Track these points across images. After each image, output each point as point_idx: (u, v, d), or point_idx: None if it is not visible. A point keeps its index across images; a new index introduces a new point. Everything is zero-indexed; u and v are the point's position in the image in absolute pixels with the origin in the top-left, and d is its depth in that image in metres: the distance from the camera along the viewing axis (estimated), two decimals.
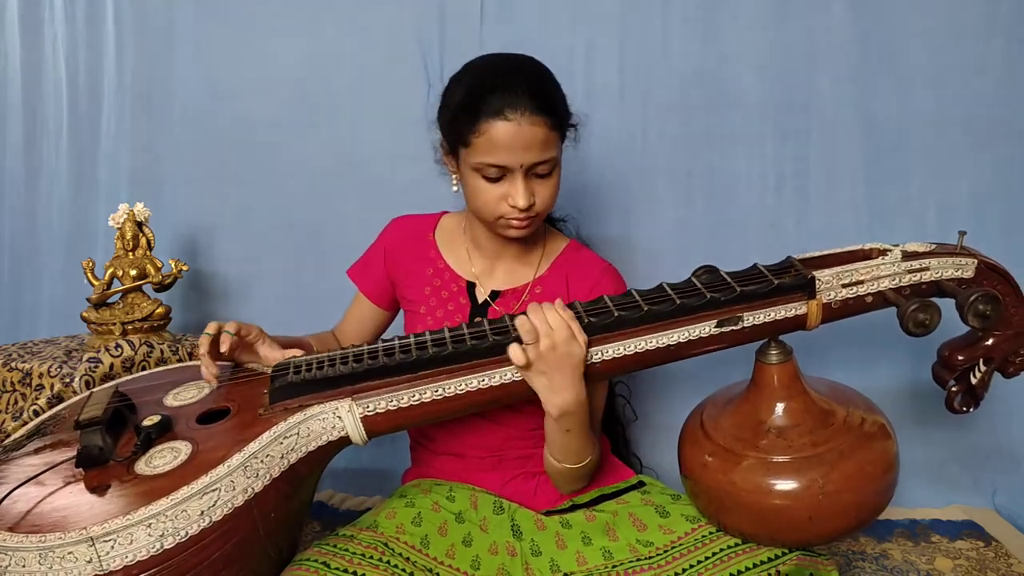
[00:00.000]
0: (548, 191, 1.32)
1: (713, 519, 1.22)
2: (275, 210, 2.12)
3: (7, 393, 1.72)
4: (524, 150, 1.25)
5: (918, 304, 1.06)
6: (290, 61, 2.07)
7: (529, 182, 1.29)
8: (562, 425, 1.21)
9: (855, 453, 1.12)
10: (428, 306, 1.46)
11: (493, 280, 1.46)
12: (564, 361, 1.13)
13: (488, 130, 1.24)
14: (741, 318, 1.14)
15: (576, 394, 1.17)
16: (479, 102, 1.25)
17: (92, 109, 2.23)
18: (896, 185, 1.85)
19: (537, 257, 1.47)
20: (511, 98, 1.23)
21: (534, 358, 1.13)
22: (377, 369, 1.16)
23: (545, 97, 1.26)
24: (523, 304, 1.42)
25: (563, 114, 1.31)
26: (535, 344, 1.13)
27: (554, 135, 1.28)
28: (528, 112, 1.23)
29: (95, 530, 0.95)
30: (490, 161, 1.26)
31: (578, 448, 1.26)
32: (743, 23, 1.86)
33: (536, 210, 1.31)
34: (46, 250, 2.31)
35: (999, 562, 1.57)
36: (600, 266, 1.46)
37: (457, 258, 1.48)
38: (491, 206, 1.31)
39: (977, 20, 1.78)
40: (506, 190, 1.29)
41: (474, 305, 1.44)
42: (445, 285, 1.46)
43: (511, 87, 1.24)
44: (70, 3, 2.20)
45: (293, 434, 1.12)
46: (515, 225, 1.32)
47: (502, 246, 1.44)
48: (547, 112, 1.25)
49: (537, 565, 1.24)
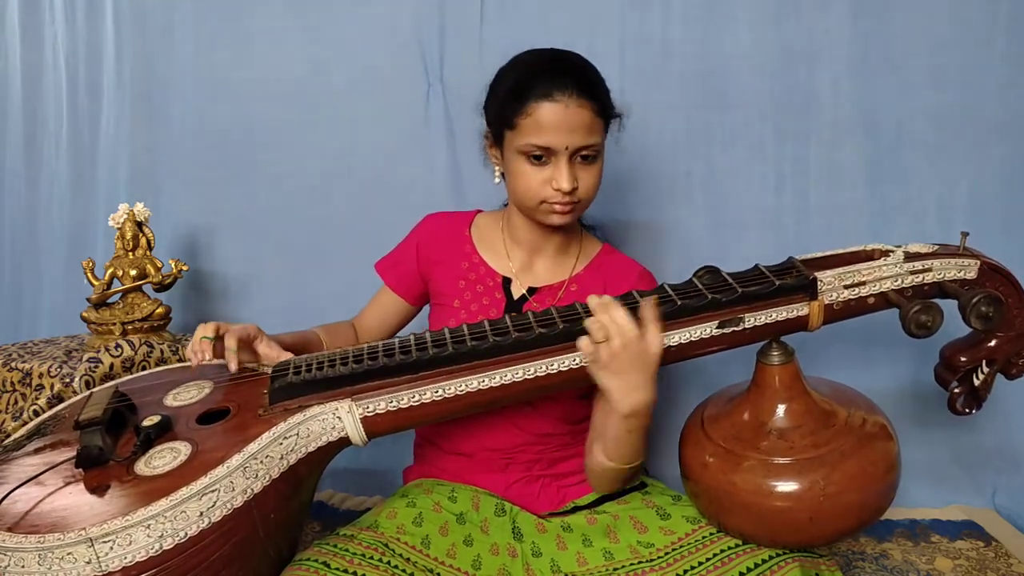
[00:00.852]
0: (591, 178, 1.34)
1: (714, 520, 1.22)
2: (275, 210, 2.12)
3: (7, 393, 1.72)
4: (570, 132, 1.27)
5: (920, 306, 1.05)
6: (290, 61, 2.07)
7: (573, 167, 1.31)
8: (628, 425, 1.19)
9: (856, 454, 1.11)
10: (462, 300, 1.46)
11: (530, 276, 1.47)
12: (639, 359, 1.12)
13: (536, 111, 1.27)
14: (742, 319, 1.14)
15: (649, 394, 1.15)
16: (528, 85, 1.28)
17: (92, 109, 2.23)
18: (896, 185, 1.85)
19: (574, 255, 1.48)
20: (559, 81, 1.26)
21: (607, 358, 1.12)
22: (377, 370, 1.16)
23: (592, 83, 1.30)
24: (559, 301, 1.43)
25: (608, 103, 1.34)
26: (607, 343, 1.11)
27: (599, 121, 1.31)
28: (576, 95, 1.26)
29: (94, 531, 0.95)
30: (537, 142, 1.28)
31: (634, 450, 1.25)
32: (743, 23, 1.85)
33: (579, 195, 1.32)
34: (46, 250, 2.31)
35: (999, 562, 1.57)
36: (638, 270, 1.48)
37: (494, 254, 1.49)
38: (534, 190, 1.32)
39: (977, 20, 1.77)
40: (550, 174, 1.31)
41: (510, 300, 1.45)
42: (480, 279, 1.47)
43: (559, 71, 1.28)
44: (70, 3, 2.21)
45: (293, 435, 1.12)
46: (558, 210, 1.33)
47: (541, 240, 1.45)
48: (593, 97, 1.29)
49: (538, 566, 1.24)
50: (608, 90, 1.36)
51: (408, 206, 1.62)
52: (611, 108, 1.36)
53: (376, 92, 2.02)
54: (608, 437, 1.24)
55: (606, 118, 1.34)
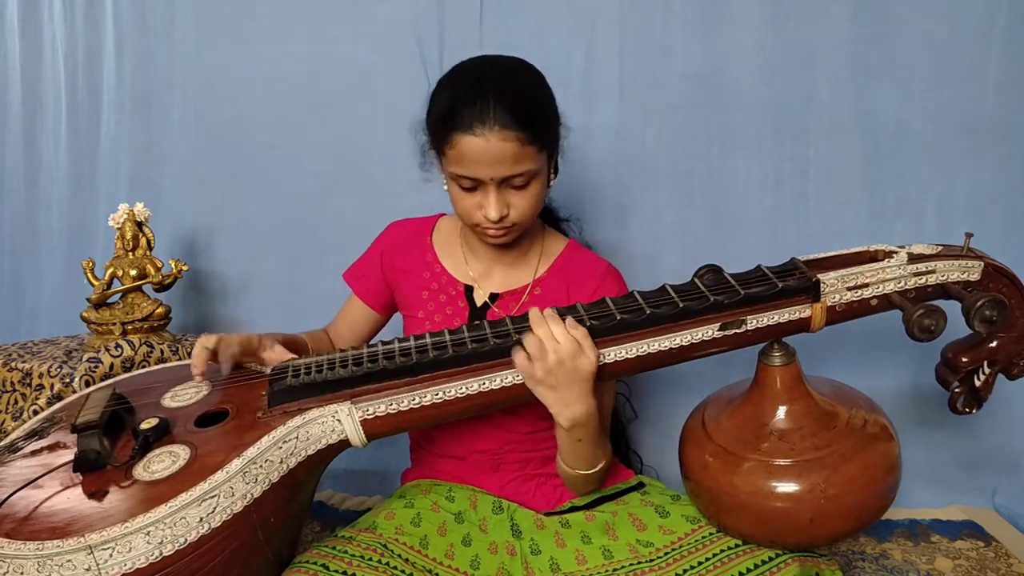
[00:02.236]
0: (524, 202, 1.30)
1: (713, 520, 1.22)
2: (275, 210, 2.12)
3: (7, 393, 1.72)
4: (494, 165, 1.23)
5: (924, 310, 1.05)
6: (290, 61, 2.07)
7: (503, 193, 1.28)
8: (573, 436, 1.21)
9: (857, 456, 1.11)
10: (426, 310, 1.45)
11: (491, 283, 1.45)
12: (573, 375, 1.13)
13: (458, 143, 1.23)
14: (744, 321, 1.14)
15: (587, 406, 1.16)
16: (451, 115, 1.24)
17: (92, 109, 2.23)
18: (896, 185, 1.85)
19: (535, 258, 1.46)
20: (481, 113, 1.21)
21: (542, 373, 1.13)
22: (377, 372, 1.16)
23: (518, 111, 1.22)
24: (523, 306, 1.42)
25: (542, 126, 1.27)
26: (542, 358, 1.12)
27: (530, 148, 1.24)
28: (498, 127, 1.21)
29: (93, 538, 0.94)
30: (461, 173, 1.26)
31: (590, 455, 1.27)
32: (743, 23, 1.85)
33: (512, 220, 1.30)
34: (46, 250, 2.32)
35: (999, 562, 1.57)
36: (602, 268, 1.45)
37: (455, 261, 1.48)
38: (467, 213, 1.32)
39: (977, 20, 1.77)
40: (480, 200, 1.29)
41: (473, 308, 1.44)
42: (443, 289, 1.46)
43: (482, 100, 1.22)
44: (70, 3, 2.20)
45: (292, 438, 1.11)
46: (490, 234, 1.32)
47: (497, 249, 1.43)
48: (521, 127, 1.22)
49: (537, 564, 1.24)
50: (546, 107, 1.31)
51: (407, 206, 1.62)
52: (548, 129, 1.30)
53: (376, 92, 2.02)
54: (562, 448, 1.27)
55: (540, 142, 1.26)
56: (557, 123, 1.34)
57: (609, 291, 1.37)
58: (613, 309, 1.17)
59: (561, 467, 1.31)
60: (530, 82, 1.31)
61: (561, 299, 1.40)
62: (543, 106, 1.30)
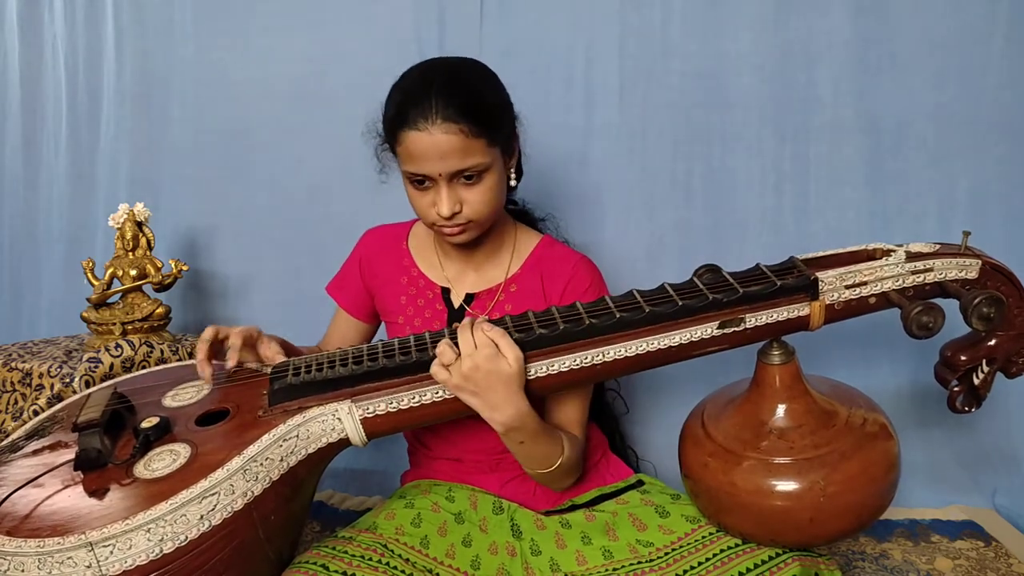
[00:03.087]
0: (478, 197, 1.29)
1: (713, 519, 1.22)
2: (275, 210, 2.12)
3: (7, 393, 1.72)
4: (440, 159, 1.24)
5: (922, 307, 1.05)
6: (290, 61, 2.07)
7: (455, 189, 1.28)
8: (513, 439, 1.20)
9: (857, 454, 1.11)
10: (406, 315, 1.46)
11: (466, 283, 1.45)
12: (491, 378, 1.12)
13: (405, 140, 1.25)
14: (743, 319, 1.14)
15: (515, 409, 1.15)
16: (399, 112, 1.25)
17: (92, 109, 2.23)
18: (896, 185, 1.85)
19: (507, 256, 1.46)
20: (423, 107, 1.22)
21: (458, 379, 1.13)
22: (377, 371, 1.16)
23: (461, 103, 1.23)
24: (498, 304, 1.42)
25: (489, 119, 1.26)
26: (456, 364, 1.12)
27: (477, 142, 1.24)
28: (440, 121, 1.21)
29: (94, 535, 0.95)
30: (412, 170, 1.27)
31: (540, 454, 1.25)
32: (743, 23, 1.85)
33: (467, 216, 1.29)
34: (45, 250, 2.32)
35: (999, 562, 1.57)
36: (574, 260, 1.44)
37: (430, 264, 1.48)
38: (424, 213, 1.32)
39: (977, 20, 1.77)
40: (433, 197, 1.29)
41: (451, 310, 1.44)
42: (420, 293, 1.46)
43: (424, 96, 1.23)
44: (70, 3, 2.21)
45: (292, 436, 1.12)
46: (446, 232, 1.32)
47: (468, 251, 1.43)
48: (465, 119, 1.22)
49: (537, 565, 1.24)
50: (496, 101, 1.31)
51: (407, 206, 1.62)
52: (496, 121, 1.29)
53: (376, 92, 2.01)
54: (512, 451, 1.26)
55: (490, 135, 1.26)
56: (510, 119, 1.34)
57: (581, 282, 1.38)
58: (613, 307, 1.17)
59: (524, 469, 1.30)
60: (476, 77, 1.31)
61: (536, 294, 1.41)
62: (490, 101, 1.30)
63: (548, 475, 1.28)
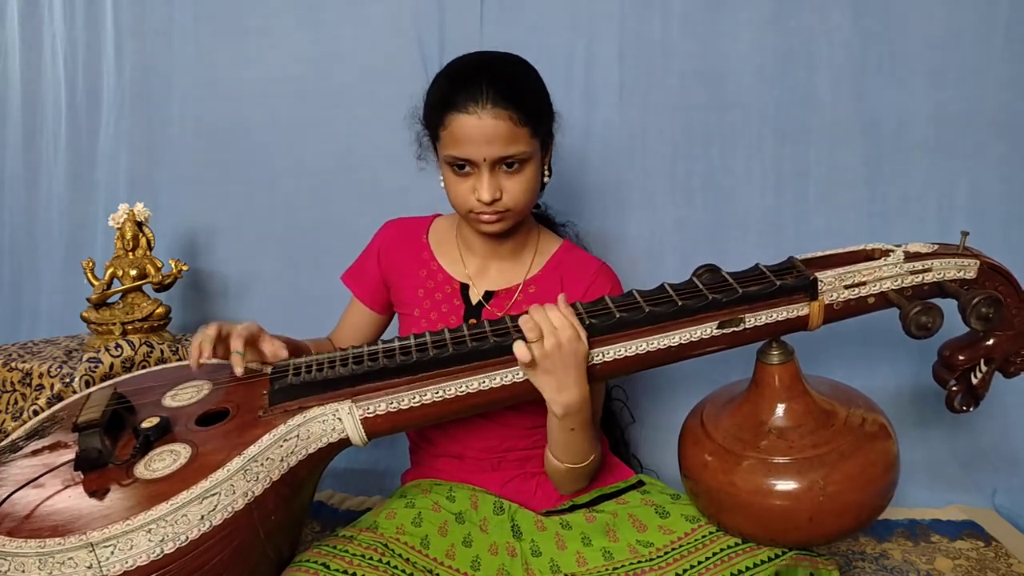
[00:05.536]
0: (518, 186, 1.31)
1: (713, 519, 1.22)
2: (274, 210, 2.12)
3: (7, 393, 1.72)
4: (486, 143, 1.26)
5: (921, 307, 1.05)
6: (289, 61, 2.07)
7: (496, 176, 1.29)
8: (567, 424, 1.21)
9: (856, 454, 1.11)
10: (422, 308, 1.46)
11: (486, 281, 1.46)
12: (569, 359, 1.13)
13: (451, 123, 1.27)
14: (743, 319, 1.14)
15: (581, 391, 1.17)
16: (446, 96, 1.28)
17: (91, 109, 2.23)
18: (896, 185, 1.85)
19: (530, 257, 1.47)
20: (474, 92, 1.25)
21: (539, 356, 1.13)
22: (377, 371, 1.16)
23: (511, 91, 1.26)
24: (516, 304, 1.43)
25: (535, 109, 1.30)
26: (540, 342, 1.13)
27: (522, 130, 1.27)
28: (490, 105, 1.24)
29: (95, 535, 0.95)
30: (454, 154, 1.28)
31: (581, 448, 1.27)
32: (743, 23, 1.85)
33: (506, 205, 1.31)
34: (46, 250, 2.32)
35: (999, 562, 1.57)
36: (595, 266, 1.46)
37: (450, 260, 1.48)
38: (460, 199, 1.33)
39: (977, 20, 1.77)
40: (473, 184, 1.30)
41: (468, 306, 1.44)
42: (439, 287, 1.47)
43: (475, 81, 1.26)
44: (70, 3, 2.21)
45: (293, 436, 1.12)
46: (484, 219, 1.33)
47: (492, 246, 1.44)
48: (515, 106, 1.25)
49: (537, 565, 1.24)
50: (539, 93, 1.34)
51: (407, 206, 1.62)
52: (542, 114, 1.33)
53: (376, 92, 2.02)
54: (553, 440, 1.27)
55: (533, 125, 1.29)
56: (551, 115, 1.36)
57: (601, 289, 1.39)
58: (612, 307, 1.17)
59: (550, 462, 1.31)
60: (524, 71, 1.34)
61: (554, 297, 1.40)
62: (537, 93, 1.33)
63: (574, 472, 1.30)
